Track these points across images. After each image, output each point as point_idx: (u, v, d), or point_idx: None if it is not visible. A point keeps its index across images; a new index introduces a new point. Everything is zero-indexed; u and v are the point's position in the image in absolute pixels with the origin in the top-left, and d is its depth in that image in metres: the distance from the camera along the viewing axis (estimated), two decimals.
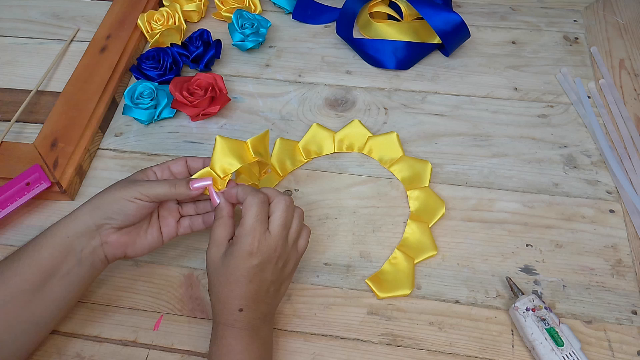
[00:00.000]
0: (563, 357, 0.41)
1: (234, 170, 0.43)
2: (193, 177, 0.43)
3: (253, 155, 0.45)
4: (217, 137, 0.44)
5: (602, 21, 0.70)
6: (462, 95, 0.63)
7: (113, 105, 0.62)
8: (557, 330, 0.42)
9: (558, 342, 0.42)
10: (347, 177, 0.56)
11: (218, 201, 0.43)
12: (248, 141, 0.45)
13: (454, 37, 0.64)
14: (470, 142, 0.58)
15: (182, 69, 0.66)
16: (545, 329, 0.43)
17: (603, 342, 0.45)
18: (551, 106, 0.61)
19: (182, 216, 0.47)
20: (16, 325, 0.40)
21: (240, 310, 0.39)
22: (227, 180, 0.43)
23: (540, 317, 0.43)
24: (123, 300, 0.48)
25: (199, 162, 0.45)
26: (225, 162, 0.43)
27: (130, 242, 0.44)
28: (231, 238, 0.41)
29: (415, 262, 0.49)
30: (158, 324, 0.46)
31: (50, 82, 0.65)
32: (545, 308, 0.44)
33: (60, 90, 0.61)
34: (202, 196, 0.45)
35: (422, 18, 0.65)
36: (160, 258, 0.50)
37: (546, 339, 0.42)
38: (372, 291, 0.48)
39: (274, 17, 0.72)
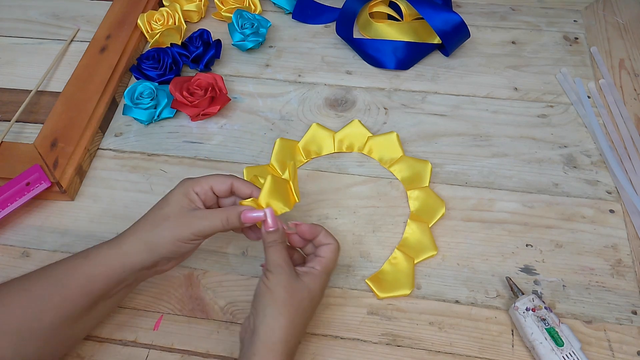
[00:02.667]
0: (563, 357, 0.41)
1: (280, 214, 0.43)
2: (242, 206, 0.42)
3: (297, 199, 0.44)
4: (269, 176, 0.42)
5: (602, 21, 0.70)
6: (462, 95, 0.63)
7: (113, 105, 0.62)
8: (557, 330, 0.43)
9: (558, 342, 0.42)
10: (347, 177, 0.56)
11: (275, 227, 0.41)
12: (291, 182, 0.44)
13: (454, 37, 0.64)
14: (470, 142, 0.58)
15: (182, 69, 0.66)
16: (545, 328, 0.43)
17: (603, 342, 0.45)
18: (551, 106, 0.61)
19: None
20: (59, 343, 0.40)
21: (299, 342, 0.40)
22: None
23: (540, 317, 0.43)
24: (123, 300, 0.48)
25: (247, 189, 0.43)
26: (272, 203, 0.42)
27: (179, 261, 0.44)
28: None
29: (415, 262, 0.49)
30: (158, 324, 0.46)
31: (50, 82, 0.65)
32: (545, 308, 0.44)
33: (60, 90, 0.61)
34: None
35: (422, 18, 0.65)
36: None
37: (546, 339, 0.42)
38: (372, 291, 0.48)
39: (274, 17, 0.72)
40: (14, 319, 0.37)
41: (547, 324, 0.43)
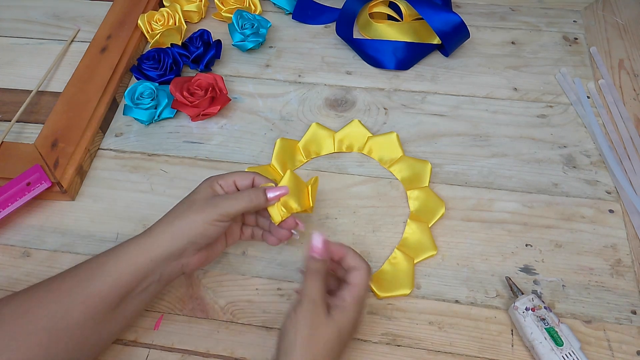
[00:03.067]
0: (562, 356, 0.42)
1: (291, 213, 0.44)
2: (264, 185, 0.44)
3: (311, 205, 0.45)
4: (289, 171, 0.44)
5: (601, 21, 0.70)
6: (462, 96, 0.63)
7: (113, 105, 0.62)
8: (556, 329, 0.43)
9: (557, 341, 0.42)
10: (347, 177, 0.56)
11: (322, 256, 0.40)
12: (309, 186, 0.46)
13: (453, 37, 0.64)
14: (469, 142, 0.58)
15: (183, 70, 0.66)
16: (545, 328, 0.43)
17: (602, 342, 0.45)
18: (550, 106, 0.61)
19: (243, 224, 0.48)
20: (89, 342, 0.39)
21: None
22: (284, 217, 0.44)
23: (539, 316, 0.43)
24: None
25: (267, 182, 0.44)
26: (288, 201, 0.43)
27: (206, 258, 0.44)
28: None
29: (415, 262, 0.49)
30: (158, 323, 0.47)
31: (51, 83, 0.65)
32: (545, 308, 0.44)
33: (61, 91, 0.61)
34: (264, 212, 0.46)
35: (421, 18, 0.65)
36: None
37: (546, 339, 0.42)
38: (372, 291, 0.48)
39: (274, 17, 0.72)
40: (43, 316, 0.37)
41: (546, 324, 0.43)
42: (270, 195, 0.42)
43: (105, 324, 0.39)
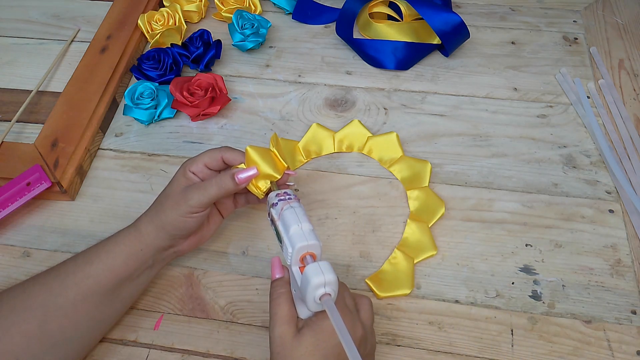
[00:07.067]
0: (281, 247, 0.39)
1: (272, 183, 0.44)
2: (234, 169, 0.43)
3: (285, 164, 0.45)
4: (248, 148, 0.43)
5: (601, 21, 0.70)
6: (462, 96, 0.63)
7: (113, 105, 0.62)
8: (279, 229, 0.39)
9: (279, 237, 0.40)
10: (347, 177, 0.56)
11: (280, 275, 0.40)
12: (274, 149, 0.45)
13: (453, 37, 0.64)
14: (469, 142, 0.58)
15: (183, 70, 0.66)
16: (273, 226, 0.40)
17: (602, 342, 0.45)
18: (550, 106, 0.61)
19: (235, 194, 0.48)
20: (84, 323, 0.41)
21: None
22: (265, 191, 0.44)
23: (281, 208, 0.39)
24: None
25: (237, 156, 0.44)
26: (263, 167, 0.43)
27: (198, 240, 0.46)
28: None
29: (415, 261, 0.49)
30: (158, 323, 0.47)
31: (51, 82, 0.65)
32: (287, 198, 0.40)
33: (61, 91, 0.61)
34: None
35: (421, 18, 0.65)
36: None
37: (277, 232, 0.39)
38: (372, 291, 0.48)
39: (274, 17, 0.72)
40: (40, 293, 0.40)
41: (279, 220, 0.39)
42: (240, 177, 0.42)
43: (100, 306, 0.41)
